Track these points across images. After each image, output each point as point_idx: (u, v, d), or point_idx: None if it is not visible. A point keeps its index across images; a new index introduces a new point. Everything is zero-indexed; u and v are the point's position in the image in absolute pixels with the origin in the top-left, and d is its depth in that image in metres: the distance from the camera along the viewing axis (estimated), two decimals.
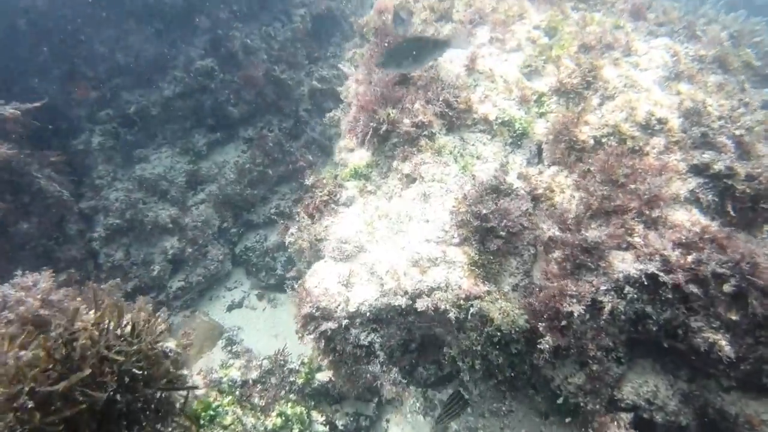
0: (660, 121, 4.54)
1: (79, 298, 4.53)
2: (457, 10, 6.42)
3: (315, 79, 8.36)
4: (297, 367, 5.96)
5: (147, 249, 7.19)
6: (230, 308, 7.89)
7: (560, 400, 4.56)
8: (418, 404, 5.56)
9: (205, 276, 7.65)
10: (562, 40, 6.03)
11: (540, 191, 4.91)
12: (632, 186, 4.17)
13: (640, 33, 5.80)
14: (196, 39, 7.51)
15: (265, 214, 8.21)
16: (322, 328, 4.52)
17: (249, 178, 7.85)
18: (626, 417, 4.37)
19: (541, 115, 5.51)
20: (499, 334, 4.19)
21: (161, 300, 7.42)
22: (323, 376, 5.93)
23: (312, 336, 4.50)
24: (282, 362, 5.98)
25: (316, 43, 8.73)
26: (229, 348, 7.16)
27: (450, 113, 5.13)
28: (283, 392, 5.81)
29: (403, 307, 4.26)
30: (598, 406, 4.37)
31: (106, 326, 3.17)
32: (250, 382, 5.86)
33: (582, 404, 4.42)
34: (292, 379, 5.88)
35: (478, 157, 5.17)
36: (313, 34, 8.60)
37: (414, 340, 5.10)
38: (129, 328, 3.59)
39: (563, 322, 4.11)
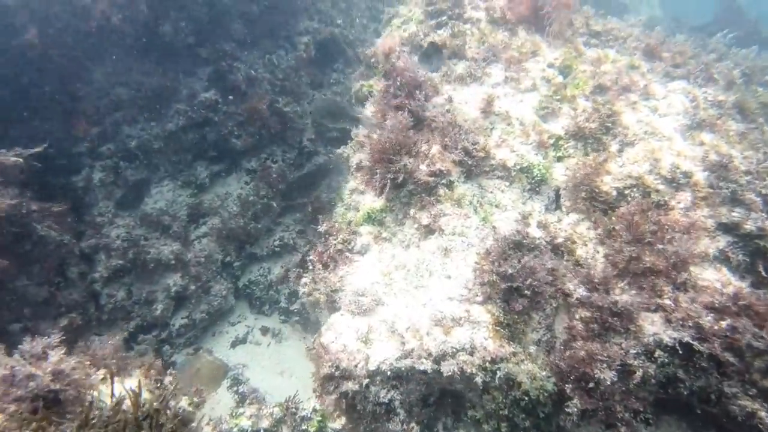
0: (685, 174, 4.47)
1: (88, 362, 4.35)
2: (469, 47, 6.31)
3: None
4: (309, 415, 5.80)
5: (149, 287, 6.97)
6: (234, 344, 7.69)
7: None
8: None
9: (209, 312, 7.45)
10: (576, 79, 5.95)
11: (560, 240, 4.82)
12: (660, 246, 4.09)
13: (656, 74, 5.75)
14: (199, 70, 7.31)
15: (268, 246, 8.03)
16: (343, 388, 4.38)
17: (253, 210, 7.67)
18: None
19: (559, 159, 5.42)
20: (526, 398, 4.08)
21: (164, 338, 7.20)
22: (336, 425, 5.77)
23: (333, 396, 4.35)
24: (293, 410, 5.82)
25: (319, 70, 8.58)
26: (234, 388, 6.98)
27: (469, 161, 5.01)
28: None
29: (429, 371, 4.13)
30: None
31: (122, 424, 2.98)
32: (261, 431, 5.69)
33: None
34: (304, 427, 5.72)
35: (497, 206, 5.06)
36: (317, 61, 8.44)
37: (433, 394, 4.96)
38: (146, 414, 3.39)
39: (590, 384, 4.02)
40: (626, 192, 4.70)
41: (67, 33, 6.12)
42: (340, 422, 5.74)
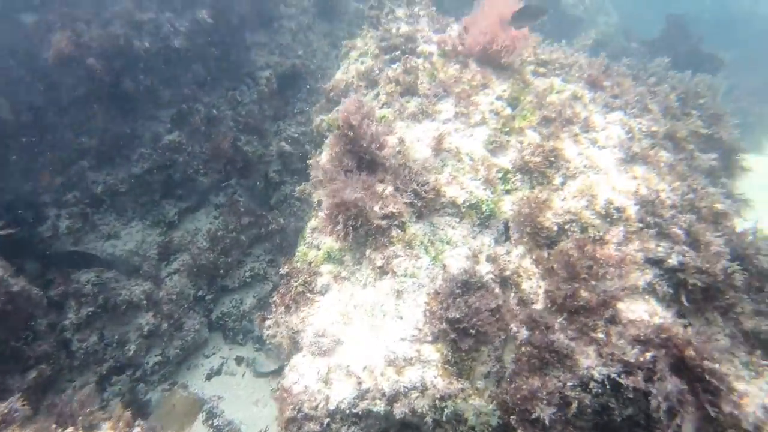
0: (618, 209, 4.76)
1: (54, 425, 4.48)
2: (421, 83, 6.55)
3: (283, 140, 8.39)
4: None
5: (122, 329, 7.11)
6: (209, 376, 7.86)
7: None
8: None
9: (183, 347, 7.61)
10: (524, 111, 6.22)
11: (508, 273, 5.09)
12: (593, 282, 4.37)
13: (597, 105, 6.05)
14: (161, 113, 7.46)
15: (239, 277, 8.21)
16: (305, 429, 4.59)
17: (222, 245, 7.84)
18: None
19: (508, 191, 5.69)
20: None
21: (138, 377, 7.34)
22: None
23: None
24: None
25: (282, 101, 8.76)
26: (210, 422, 7.15)
27: (419, 203, 5.25)
28: None
29: (382, 413, 4.36)
30: None
31: None
32: None
33: None
34: None
35: (448, 243, 5.31)
36: (279, 93, 8.62)
37: (392, 426, 5.20)
38: None
39: (534, 415, 4.29)
40: (566, 227, 4.98)
41: (30, 92, 6.23)
42: None
